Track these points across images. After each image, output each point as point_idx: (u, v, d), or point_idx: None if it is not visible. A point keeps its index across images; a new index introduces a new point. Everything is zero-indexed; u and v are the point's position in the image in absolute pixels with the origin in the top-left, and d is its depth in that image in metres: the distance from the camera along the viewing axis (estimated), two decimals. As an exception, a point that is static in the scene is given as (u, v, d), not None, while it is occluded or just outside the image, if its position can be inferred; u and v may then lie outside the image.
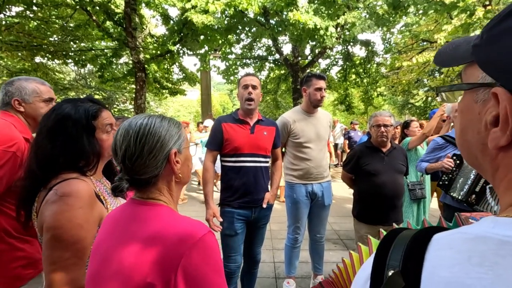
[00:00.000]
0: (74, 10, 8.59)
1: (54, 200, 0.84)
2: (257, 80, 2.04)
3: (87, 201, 0.87)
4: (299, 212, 2.39)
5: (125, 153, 0.69)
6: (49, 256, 0.81)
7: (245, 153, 1.97)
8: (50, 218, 0.82)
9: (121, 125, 0.73)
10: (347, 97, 11.41)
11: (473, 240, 0.31)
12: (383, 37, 9.80)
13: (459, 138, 0.42)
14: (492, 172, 0.37)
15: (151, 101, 19.19)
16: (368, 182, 2.24)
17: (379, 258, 0.38)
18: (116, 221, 0.73)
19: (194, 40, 7.97)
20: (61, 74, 13.99)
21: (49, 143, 0.90)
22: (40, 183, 0.90)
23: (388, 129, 2.22)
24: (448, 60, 0.44)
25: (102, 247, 0.71)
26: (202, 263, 0.62)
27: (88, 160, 0.95)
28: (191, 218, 0.69)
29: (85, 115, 0.95)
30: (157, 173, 0.71)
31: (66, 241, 0.81)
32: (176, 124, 0.75)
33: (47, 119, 0.94)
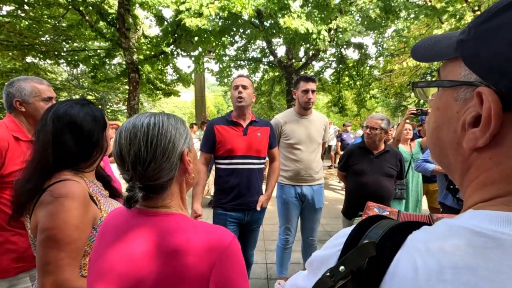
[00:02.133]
0: (67, 10, 8.52)
1: (49, 201, 0.84)
2: (248, 81, 2.05)
3: (82, 203, 0.88)
4: (289, 213, 2.42)
5: (135, 158, 0.62)
6: (43, 256, 0.82)
7: (238, 155, 1.99)
8: (45, 219, 0.82)
9: (121, 128, 0.66)
10: (340, 99, 11.51)
11: (449, 230, 0.32)
12: (375, 41, 9.94)
13: (431, 135, 0.41)
14: (462, 172, 0.37)
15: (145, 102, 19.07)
16: (354, 181, 2.34)
17: (359, 229, 0.39)
18: (123, 235, 0.66)
19: (188, 41, 7.97)
20: (53, 74, 13.81)
21: (71, 139, 0.93)
22: (45, 179, 0.90)
23: (375, 132, 2.25)
24: (427, 55, 0.42)
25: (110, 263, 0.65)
26: (232, 271, 0.61)
27: (91, 155, 0.99)
28: (210, 224, 0.66)
29: (100, 113, 1.01)
30: (172, 176, 0.66)
31: (61, 242, 0.82)
32: (181, 121, 0.71)
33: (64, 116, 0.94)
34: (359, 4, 6.77)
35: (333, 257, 0.39)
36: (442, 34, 0.42)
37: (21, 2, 7.67)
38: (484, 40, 0.32)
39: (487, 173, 0.33)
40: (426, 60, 0.42)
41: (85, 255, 0.94)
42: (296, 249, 2.79)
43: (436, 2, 7.26)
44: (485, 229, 0.29)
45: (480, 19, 0.33)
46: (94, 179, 1.06)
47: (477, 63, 0.33)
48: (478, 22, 0.33)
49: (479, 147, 0.32)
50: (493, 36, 0.31)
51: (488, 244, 0.28)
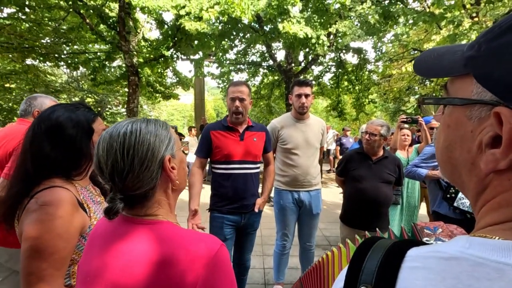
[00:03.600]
0: (67, 12, 8.55)
1: (34, 209, 0.82)
2: (245, 90, 1.99)
3: (68, 211, 0.85)
4: (286, 219, 2.41)
5: (112, 169, 0.61)
6: (26, 266, 0.79)
7: (235, 160, 1.99)
8: (28, 227, 0.80)
9: (99, 138, 0.64)
10: (339, 103, 11.54)
11: (448, 260, 0.30)
12: (374, 46, 10.00)
13: (442, 154, 0.40)
14: (477, 192, 0.35)
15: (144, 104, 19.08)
16: (352, 186, 2.33)
17: (352, 270, 0.38)
18: (110, 243, 0.65)
19: (188, 45, 8.00)
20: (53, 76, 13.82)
21: (48, 145, 0.90)
22: (28, 187, 0.88)
23: (375, 138, 2.25)
24: (432, 70, 0.41)
25: (97, 273, 0.64)
26: (219, 280, 0.60)
27: (81, 163, 0.95)
28: (197, 232, 0.65)
29: (86, 118, 0.96)
30: (154, 185, 0.64)
31: (44, 252, 0.79)
32: (163, 126, 0.68)
33: (45, 121, 0.93)
34: (358, 10, 6.82)
35: None
36: (444, 47, 0.40)
37: (22, 5, 7.69)
38: (498, 57, 0.31)
39: (505, 195, 0.32)
40: (431, 76, 0.41)
41: (74, 263, 0.92)
42: (293, 254, 2.77)
43: (435, 9, 7.32)
44: (487, 260, 0.28)
45: (491, 35, 0.31)
46: (88, 185, 1.05)
47: (492, 82, 0.31)
48: (489, 38, 0.32)
49: (501, 169, 0.31)
50: (507, 53, 0.30)
51: (491, 276, 0.27)
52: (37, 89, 12.21)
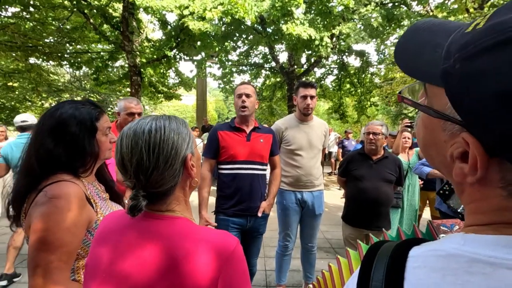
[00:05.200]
0: (71, 12, 8.57)
1: (43, 202, 0.82)
2: (251, 88, 2.06)
3: (76, 204, 0.85)
4: (289, 219, 2.39)
5: (137, 167, 0.61)
6: (33, 258, 0.79)
7: (241, 160, 1.98)
8: (37, 220, 0.81)
9: (122, 134, 0.64)
10: (341, 106, 11.55)
11: (446, 257, 0.31)
12: (377, 49, 10.00)
13: (422, 149, 0.41)
14: (458, 191, 0.37)
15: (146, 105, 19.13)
16: (353, 186, 2.36)
17: (362, 279, 0.38)
18: (126, 239, 0.65)
19: (191, 45, 8.02)
20: (56, 75, 13.87)
21: (51, 141, 0.90)
22: (35, 182, 0.88)
23: (377, 137, 2.30)
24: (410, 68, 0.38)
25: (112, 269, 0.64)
26: (237, 275, 0.61)
27: (85, 161, 0.95)
28: (214, 229, 0.67)
29: (89, 116, 0.95)
30: (176, 182, 0.65)
31: (52, 244, 0.80)
32: (183, 124, 0.69)
33: (50, 118, 0.93)
34: (362, 12, 6.82)
35: None
36: (429, 33, 0.37)
37: (26, 4, 7.73)
38: (468, 83, 0.29)
39: (477, 203, 0.34)
40: (408, 74, 0.38)
41: (79, 258, 0.91)
42: (295, 256, 2.75)
43: (438, 12, 7.33)
44: (481, 255, 0.30)
45: (465, 53, 0.29)
46: (94, 181, 1.04)
47: (462, 107, 0.30)
48: (463, 57, 0.29)
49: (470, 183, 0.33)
50: (477, 82, 0.28)
51: (486, 270, 0.29)
52: (39, 88, 12.25)
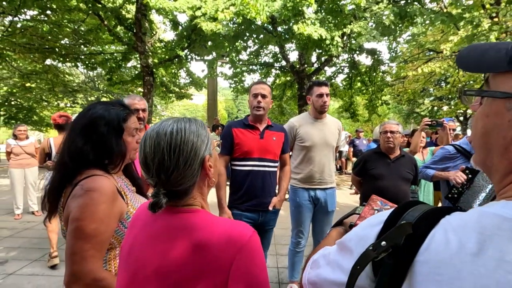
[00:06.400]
0: (87, 14, 8.79)
1: (80, 194, 0.89)
2: (267, 88, 2.10)
3: (109, 197, 0.91)
4: (302, 216, 2.43)
5: (159, 166, 0.65)
6: (71, 246, 0.86)
7: (254, 157, 2.03)
8: (75, 210, 0.87)
9: (145, 134, 0.69)
10: (351, 104, 11.45)
11: (483, 214, 0.36)
12: (389, 47, 9.86)
13: (479, 139, 0.45)
14: (505, 173, 0.41)
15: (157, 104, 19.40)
16: (371, 185, 2.34)
17: (396, 212, 0.44)
18: (150, 228, 0.71)
19: (202, 46, 8.11)
20: (71, 76, 14.23)
21: (81, 140, 0.96)
22: (68, 177, 0.95)
23: (394, 135, 2.30)
24: (475, 66, 0.45)
25: (138, 255, 0.69)
26: (252, 265, 0.63)
27: (113, 159, 1.00)
28: (231, 220, 0.70)
29: (117, 117, 1.01)
30: (194, 182, 0.69)
31: (88, 233, 0.86)
32: (202, 126, 0.72)
33: (82, 117, 1.00)
34: (374, 10, 6.75)
35: (372, 236, 0.44)
36: (487, 44, 0.44)
37: (44, 7, 7.98)
38: None
39: None
40: (474, 71, 0.45)
41: (112, 248, 0.97)
42: (307, 254, 2.78)
43: (452, 9, 7.19)
44: None
45: None
46: (122, 175, 1.11)
47: None
48: None
49: None
50: None
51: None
52: (56, 89, 12.60)
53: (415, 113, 17.84)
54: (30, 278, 2.79)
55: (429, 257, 0.36)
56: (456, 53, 8.39)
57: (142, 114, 1.93)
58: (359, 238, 0.46)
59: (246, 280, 0.62)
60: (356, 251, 0.45)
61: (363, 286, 0.43)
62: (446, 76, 11.54)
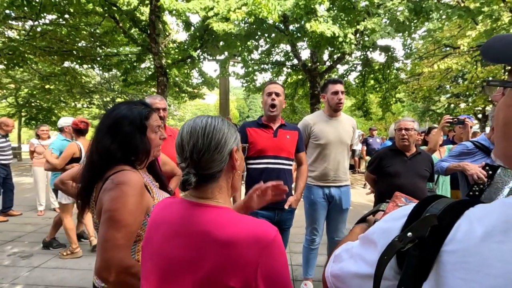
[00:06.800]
0: (103, 17, 9.03)
1: (111, 188, 0.95)
2: (281, 88, 2.13)
3: (138, 190, 0.96)
4: (316, 214, 2.44)
5: (193, 148, 0.71)
6: (104, 234, 0.91)
7: (268, 155, 2.06)
8: (107, 202, 0.93)
9: (184, 125, 0.77)
10: (365, 102, 11.29)
11: (507, 204, 0.37)
12: (404, 43, 9.65)
13: (501, 130, 0.45)
14: None
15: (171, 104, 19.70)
16: (387, 183, 2.31)
17: (420, 206, 0.45)
18: (174, 224, 0.73)
19: (214, 46, 8.19)
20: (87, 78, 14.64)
21: (109, 139, 1.02)
22: (98, 174, 1.01)
23: (410, 132, 2.27)
24: (499, 57, 0.45)
25: (163, 254, 0.72)
26: (277, 262, 0.66)
27: (138, 155, 1.06)
28: (255, 218, 0.72)
29: (139, 116, 1.06)
30: (221, 168, 0.74)
31: (120, 223, 0.91)
32: (231, 125, 0.80)
33: (107, 118, 1.06)
34: (388, 6, 6.63)
35: (396, 229, 0.45)
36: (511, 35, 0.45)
37: (62, 11, 8.24)
38: None
39: None
40: (500, 62, 0.46)
41: (139, 240, 1.01)
42: (322, 252, 2.79)
43: (470, 3, 6.97)
44: None
45: None
46: (146, 172, 1.16)
47: None
48: None
49: None
50: None
51: None
52: (73, 90, 13.01)
53: (431, 111, 17.39)
54: (54, 271, 2.92)
55: (455, 247, 0.37)
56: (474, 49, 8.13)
57: (162, 113, 2.00)
58: (383, 231, 0.47)
59: (273, 278, 0.64)
60: (380, 243, 0.45)
61: (387, 277, 0.44)
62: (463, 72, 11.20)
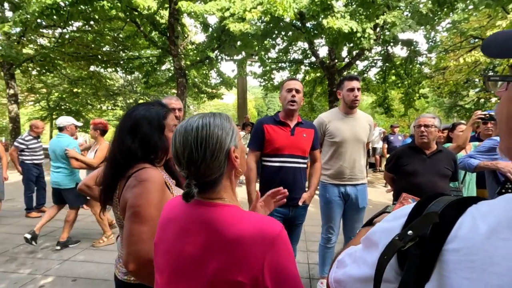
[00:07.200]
0: (125, 22, 9.40)
1: (135, 185, 0.99)
2: (300, 85, 2.14)
3: (160, 186, 1.01)
4: (332, 212, 2.41)
5: (189, 160, 0.70)
6: (129, 228, 0.96)
7: (285, 154, 2.07)
8: (132, 199, 0.97)
9: (175, 131, 0.74)
10: (386, 99, 10.94)
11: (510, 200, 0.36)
12: (427, 36, 9.24)
13: (506, 125, 0.44)
14: None
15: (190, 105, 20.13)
16: (405, 182, 2.23)
17: (420, 204, 0.43)
18: (184, 224, 0.75)
19: (232, 46, 8.28)
20: (111, 81, 15.29)
21: (130, 139, 1.08)
22: (120, 172, 1.07)
23: (429, 129, 2.17)
24: (499, 51, 0.44)
25: (174, 250, 0.74)
26: (282, 257, 0.67)
27: (158, 154, 1.11)
28: (259, 214, 0.73)
29: (157, 116, 1.12)
30: (222, 172, 0.73)
31: (144, 218, 0.95)
32: (227, 119, 0.76)
33: (128, 119, 1.11)
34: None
35: (396, 228, 0.43)
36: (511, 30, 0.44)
37: (88, 18, 8.67)
38: None
39: None
40: (501, 56, 0.44)
41: None
42: (338, 251, 2.76)
43: (498, -8, 6.56)
44: None
45: None
46: (163, 169, 1.21)
47: None
48: None
49: None
50: None
51: None
52: (99, 93, 13.65)
53: (459, 106, 16.53)
54: (82, 264, 3.10)
55: (458, 245, 0.35)
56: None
57: (178, 113, 2.05)
58: (384, 230, 0.45)
59: (279, 273, 0.66)
60: (381, 243, 0.44)
61: (389, 279, 0.42)
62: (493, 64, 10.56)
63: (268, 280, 0.65)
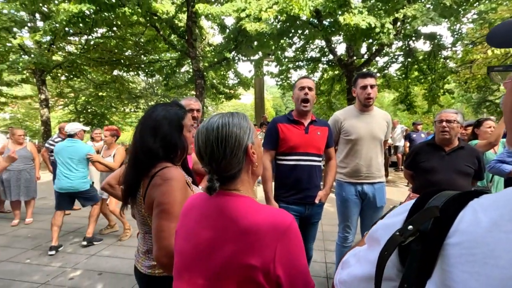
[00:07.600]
0: (145, 27, 9.73)
1: (160, 183, 1.04)
2: (312, 82, 2.13)
3: (183, 184, 1.07)
4: (348, 211, 2.38)
5: (211, 157, 0.77)
6: (158, 225, 1.01)
7: (300, 152, 2.07)
8: (160, 197, 1.03)
9: (198, 130, 0.81)
10: (408, 95, 10.55)
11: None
12: (451, 28, 8.80)
13: (509, 117, 0.43)
14: None
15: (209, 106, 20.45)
16: (423, 179, 2.16)
17: (421, 199, 0.43)
18: (204, 211, 0.81)
19: (249, 46, 8.35)
20: (134, 84, 15.84)
21: (151, 139, 1.11)
22: (143, 171, 1.12)
23: (451, 125, 2.07)
24: (503, 41, 0.43)
25: (194, 233, 0.80)
26: (293, 247, 0.71)
27: (177, 153, 1.16)
28: (273, 207, 0.79)
29: (176, 116, 1.16)
30: (240, 167, 0.80)
31: (172, 214, 1.01)
32: (244, 118, 0.83)
33: (148, 119, 1.16)
34: (432, -10, 6.13)
35: (397, 223, 0.43)
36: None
37: (111, 24, 9.06)
38: None
39: None
40: (504, 46, 0.44)
41: None
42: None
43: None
44: None
45: None
46: (181, 168, 1.26)
47: None
48: None
49: None
50: None
51: None
52: (122, 96, 14.20)
53: (488, 101, 15.62)
54: (107, 259, 3.27)
55: (460, 239, 0.35)
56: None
57: (196, 113, 2.09)
58: (385, 227, 0.45)
59: (290, 261, 0.70)
60: (383, 240, 0.43)
61: (391, 276, 0.42)
62: (526, 56, 9.89)
63: (280, 268, 0.69)
